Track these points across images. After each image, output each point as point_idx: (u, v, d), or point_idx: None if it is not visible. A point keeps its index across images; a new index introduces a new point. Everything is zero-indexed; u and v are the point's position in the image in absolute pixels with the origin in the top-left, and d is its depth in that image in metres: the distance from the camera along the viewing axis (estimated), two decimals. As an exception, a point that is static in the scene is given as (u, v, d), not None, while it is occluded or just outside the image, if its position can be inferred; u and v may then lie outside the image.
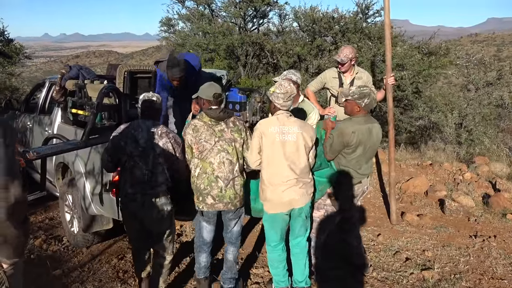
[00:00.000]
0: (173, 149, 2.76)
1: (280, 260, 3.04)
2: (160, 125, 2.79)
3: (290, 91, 2.77)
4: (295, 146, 2.77)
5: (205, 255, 3.05)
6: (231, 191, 2.82)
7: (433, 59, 7.45)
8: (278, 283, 3.12)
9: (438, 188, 5.26)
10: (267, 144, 2.76)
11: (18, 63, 11.41)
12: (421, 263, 3.61)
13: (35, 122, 4.83)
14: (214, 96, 2.83)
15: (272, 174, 2.79)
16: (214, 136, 2.80)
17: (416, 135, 9.98)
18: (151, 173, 2.69)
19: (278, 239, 2.97)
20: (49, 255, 3.83)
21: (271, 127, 2.77)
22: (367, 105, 3.02)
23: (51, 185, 4.48)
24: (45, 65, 59.74)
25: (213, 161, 2.79)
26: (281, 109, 2.81)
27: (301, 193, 2.80)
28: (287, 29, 8.87)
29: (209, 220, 2.93)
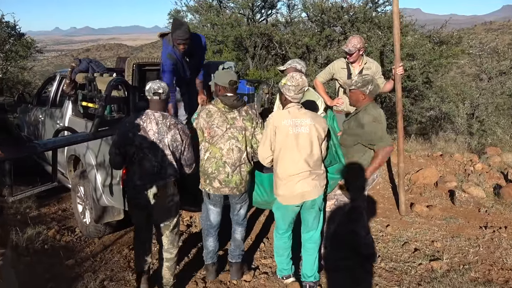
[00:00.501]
0: (181, 140, 2.77)
1: (285, 248, 3.09)
2: (169, 117, 2.78)
3: (302, 83, 2.76)
4: (309, 138, 2.77)
5: (212, 239, 3.15)
6: (237, 177, 2.91)
7: (445, 48, 7.32)
8: (282, 271, 3.18)
9: (448, 179, 5.21)
10: (280, 138, 2.76)
11: (30, 57, 11.54)
12: (430, 254, 3.60)
13: (47, 115, 4.91)
14: (230, 83, 2.87)
15: (286, 167, 2.79)
16: (226, 123, 2.87)
17: (427, 125, 9.87)
18: (160, 165, 2.70)
19: (286, 227, 3.03)
20: (62, 245, 3.92)
21: (284, 120, 2.76)
22: (371, 92, 3.02)
23: (63, 177, 4.56)
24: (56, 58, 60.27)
25: (222, 147, 2.87)
26: (292, 101, 2.80)
27: (313, 185, 2.81)
28: (296, 19, 8.79)
29: (215, 203, 3.03)
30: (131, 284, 3.20)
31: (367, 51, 6.13)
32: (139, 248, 3.09)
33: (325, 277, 3.27)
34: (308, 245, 3.06)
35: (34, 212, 4.64)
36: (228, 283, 3.24)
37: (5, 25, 10.26)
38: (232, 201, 3.10)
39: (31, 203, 4.76)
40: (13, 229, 3.79)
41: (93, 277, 3.22)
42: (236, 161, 2.89)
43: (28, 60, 11.63)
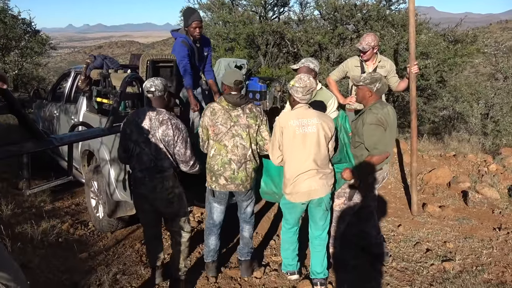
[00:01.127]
0: (173, 135, 2.78)
1: (291, 242, 3.14)
2: (163, 112, 2.82)
3: (310, 85, 2.79)
4: (316, 137, 2.78)
5: (214, 238, 3.19)
6: (243, 174, 2.95)
7: (459, 47, 7.21)
8: (286, 266, 3.21)
9: (462, 180, 5.15)
10: (287, 138, 2.79)
11: (45, 53, 11.70)
12: (442, 255, 3.57)
13: (62, 111, 4.97)
14: (235, 83, 2.93)
15: (293, 166, 2.82)
16: (230, 120, 2.92)
17: (440, 125, 9.75)
18: (156, 158, 2.78)
19: (293, 223, 3.09)
20: (76, 239, 3.98)
21: (290, 121, 2.79)
22: (379, 90, 2.99)
23: (77, 171, 4.63)
24: (69, 55, 61.03)
25: (227, 144, 2.92)
26: (300, 102, 2.83)
27: (321, 184, 2.82)
28: (308, 17, 8.74)
29: (220, 201, 3.07)
30: (144, 278, 3.25)
31: (381, 49, 6.07)
32: (149, 244, 3.17)
33: (335, 276, 3.27)
34: (316, 242, 3.08)
35: (49, 206, 4.72)
36: (239, 279, 3.26)
37: (21, 22, 10.42)
38: (238, 199, 3.14)
39: (46, 197, 4.84)
40: (29, 223, 3.86)
41: (106, 271, 3.27)
42: (241, 158, 2.93)
43: (43, 56, 11.80)
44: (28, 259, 3.27)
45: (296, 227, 3.13)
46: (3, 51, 10.09)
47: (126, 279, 3.21)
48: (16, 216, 4.10)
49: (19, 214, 4.18)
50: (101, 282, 3.10)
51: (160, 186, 2.80)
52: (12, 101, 2.18)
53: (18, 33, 10.28)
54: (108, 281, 3.10)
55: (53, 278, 3.14)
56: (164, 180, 2.80)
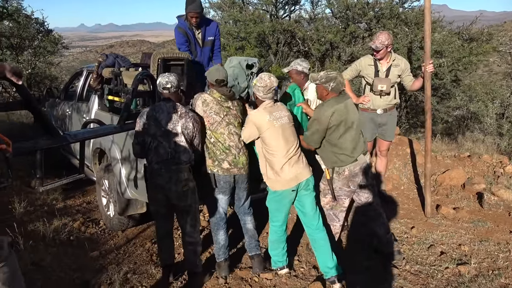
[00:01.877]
0: (193, 127, 2.90)
1: (281, 241, 3.19)
2: (180, 106, 2.92)
3: (270, 84, 2.95)
4: (289, 126, 3.03)
5: (223, 232, 3.21)
6: (243, 158, 3.12)
7: (474, 46, 7.06)
8: (276, 263, 3.25)
9: (477, 181, 5.04)
10: (270, 133, 2.94)
11: (57, 52, 11.82)
12: (457, 258, 3.48)
13: (74, 109, 5.01)
14: (217, 82, 3.04)
15: (280, 156, 2.96)
16: (222, 110, 3.06)
17: (453, 125, 9.59)
18: (174, 152, 2.85)
19: (283, 218, 3.14)
20: (87, 237, 4.00)
21: (266, 117, 2.95)
22: (333, 89, 3.09)
23: (89, 170, 4.65)
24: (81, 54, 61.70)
25: (223, 132, 3.05)
26: (263, 100, 3.01)
27: (303, 166, 3.02)
28: (319, 15, 8.67)
29: (224, 191, 3.12)
30: (154, 278, 3.24)
31: (394, 48, 5.98)
32: (161, 242, 3.17)
33: (347, 279, 3.22)
34: (317, 235, 3.08)
35: (61, 204, 4.75)
36: (250, 280, 3.23)
37: (34, 21, 10.53)
38: (239, 188, 3.19)
39: (58, 195, 4.87)
40: (41, 220, 3.89)
41: (116, 269, 3.27)
42: (238, 143, 3.09)
43: (55, 55, 11.92)
44: (40, 257, 3.29)
45: (285, 225, 3.19)
46: (17, 51, 10.21)
47: (136, 278, 3.21)
48: (29, 213, 4.14)
49: (32, 212, 4.22)
50: (112, 281, 3.10)
51: (176, 177, 2.86)
52: (28, 97, 2.19)
53: (31, 33, 10.39)
54: (119, 280, 3.09)
55: (64, 277, 3.15)
56: (179, 172, 2.87)
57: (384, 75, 4.18)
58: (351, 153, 3.12)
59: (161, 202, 2.99)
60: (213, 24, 4.32)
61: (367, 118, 4.38)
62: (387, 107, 4.33)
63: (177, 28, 4.13)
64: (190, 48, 4.20)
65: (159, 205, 3.03)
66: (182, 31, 4.10)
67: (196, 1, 3.95)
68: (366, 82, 4.33)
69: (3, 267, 1.44)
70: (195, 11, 3.95)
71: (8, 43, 10.10)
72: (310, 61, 8.27)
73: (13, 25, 9.95)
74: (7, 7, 9.36)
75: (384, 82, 4.15)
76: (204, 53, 4.34)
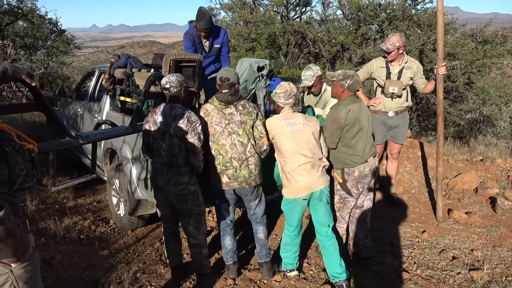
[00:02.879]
0: (186, 129, 2.80)
1: (293, 244, 3.17)
2: (177, 107, 2.85)
3: (290, 89, 2.98)
4: (305, 133, 2.96)
5: (229, 238, 3.18)
6: (245, 171, 2.97)
7: (488, 48, 6.96)
8: (286, 265, 3.26)
9: (490, 185, 4.96)
10: (279, 138, 2.94)
11: (69, 53, 11.95)
12: (469, 263, 3.43)
13: (85, 109, 5.05)
14: (221, 80, 2.95)
15: (291, 161, 2.93)
16: (224, 119, 2.95)
17: (465, 128, 9.45)
18: (170, 154, 2.83)
19: (296, 224, 3.10)
20: (97, 235, 4.03)
21: (278, 122, 2.97)
22: (350, 86, 3.12)
23: (100, 169, 4.68)
24: (92, 55, 62.40)
25: (225, 143, 2.94)
26: (284, 107, 3.01)
27: (318, 175, 2.94)
28: (331, 17, 8.62)
29: (228, 200, 3.07)
30: (163, 277, 3.25)
31: (406, 50, 5.93)
32: (168, 243, 3.18)
33: (357, 283, 3.19)
34: (327, 242, 3.06)
35: (71, 203, 4.80)
36: (258, 281, 3.22)
37: (48, 21, 10.67)
38: (245, 199, 3.11)
39: (69, 194, 4.92)
40: (52, 218, 3.93)
41: (126, 269, 3.28)
42: (241, 155, 2.95)
43: (68, 55, 12.05)
44: (51, 255, 3.32)
45: (298, 229, 3.16)
46: (31, 50, 10.35)
47: (145, 278, 3.22)
48: (40, 211, 4.18)
49: (43, 210, 4.27)
50: (121, 280, 3.11)
51: (174, 180, 2.84)
52: (41, 99, 2.21)
53: (45, 33, 10.52)
54: (128, 279, 3.11)
55: (74, 275, 3.18)
56: (179, 175, 2.84)
57: (396, 78, 4.14)
58: (362, 154, 3.13)
59: (163, 202, 3.00)
60: (221, 32, 4.41)
61: (378, 120, 4.34)
62: (399, 110, 4.29)
63: (186, 34, 4.30)
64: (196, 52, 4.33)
65: (162, 206, 3.04)
66: (189, 37, 4.25)
67: (205, 18, 4.04)
68: (378, 84, 4.29)
69: (27, 266, 1.46)
70: (203, 28, 4.08)
71: (22, 43, 10.24)
72: (321, 63, 8.23)
73: (27, 25, 10.09)
74: (22, 7, 9.50)
75: (396, 84, 4.11)
76: (209, 59, 4.46)
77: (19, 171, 1.37)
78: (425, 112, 8.98)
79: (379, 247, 3.73)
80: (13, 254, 1.36)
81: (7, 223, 1.28)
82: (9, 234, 1.29)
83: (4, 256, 1.36)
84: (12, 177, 1.35)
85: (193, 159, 2.85)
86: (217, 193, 3.09)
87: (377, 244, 3.78)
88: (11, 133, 1.38)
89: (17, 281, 1.43)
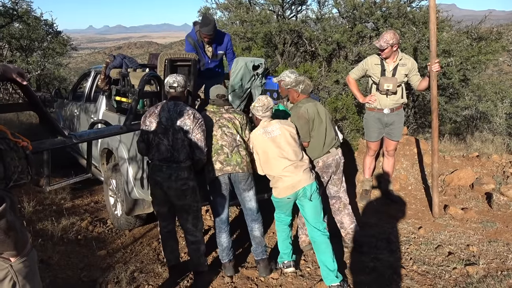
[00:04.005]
0: (190, 125, 2.93)
1: (283, 230, 3.30)
2: (181, 104, 2.98)
3: (267, 103, 3.18)
4: (283, 137, 3.12)
5: (225, 235, 3.23)
6: (237, 156, 3.15)
7: (483, 45, 6.97)
8: (282, 257, 3.33)
9: (485, 181, 4.98)
10: (259, 146, 3.13)
11: (66, 54, 11.93)
12: (465, 258, 3.45)
13: (82, 110, 5.06)
14: (218, 96, 3.30)
15: (275, 165, 3.07)
16: (215, 116, 3.22)
17: (462, 125, 9.47)
18: (172, 149, 2.90)
19: (284, 215, 3.26)
20: (95, 236, 4.03)
21: (257, 131, 3.18)
22: (303, 90, 3.45)
23: (96, 170, 4.69)
24: (89, 56, 62.23)
25: (215, 133, 3.15)
26: (262, 119, 3.21)
27: (301, 174, 3.04)
28: (326, 15, 8.62)
29: (222, 194, 3.14)
30: (161, 276, 3.26)
31: (401, 47, 5.94)
32: (165, 242, 3.19)
33: (354, 278, 3.21)
34: (318, 238, 3.09)
35: (69, 204, 4.80)
36: (256, 279, 3.24)
37: (44, 23, 10.65)
38: (239, 189, 3.18)
39: (66, 195, 4.92)
40: (50, 219, 3.93)
41: (124, 268, 3.29)
42: (232, 142, 3.16)
43: (64, 57, 12.03)
44: (49, 256, 3.33)
45: (287, 220, 3.29)
46: (26, 52, 10.33)
47: (143, 277, 3.23)
48: (38, 213, 4.19)
49: (40, 211, 4.27)
50: (119, 280, 3.12)
51: (175, 175, 2.89)
52: (33, 98, 2.21)
53: (40, 34, 10.50)
54: (126, 278, 3.12)
55: (72, 275, 3.18)
56: (179, 170, 2.91)
57: (391, 75, 4.15)
58: (323, 145, 3.42)
59: (161, 200, 3.02)
60: (225, 38, 4.43)
61: (373, 117, 4.36)
62: (394, 107, 4.31)
63: (188, 37, 4.29)
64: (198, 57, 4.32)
65: (160, 204, 3.06)
66: (191, 41, 4.25)
67: (210, 25, 4.05)
68: (373, 82, 4.31)
69: (26, 261, 1.48)
70: (207, 34, 4.10)
71: (18, 44, 10.22)
72: (317, 61, 8.23)
73: (23, 27, 10.08)
74: (17, 9, 9.48)
75: (390, 81, 4.13)
76: (211, 65, 4.44)
77: (14, 168, 1.39)
78: (421, 110, 8.99)
79: (376, 243, 3.74)
80: (14, 246, 1.38)
81: (9, 216, 1.30)
82: (10, 227, 1.31)
83: (6, 249, 1.37)
84: (8, 174, 1.37)
85: (199, 154, 2.98)
86: (211, 186, 3.17)
87: (373, 240, 3.80)
88: (6, 131, 1.40)
89: (17, 275, 1.45)
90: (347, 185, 3.71)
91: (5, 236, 1.30)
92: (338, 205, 3.60)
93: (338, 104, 5.84)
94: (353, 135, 5.78)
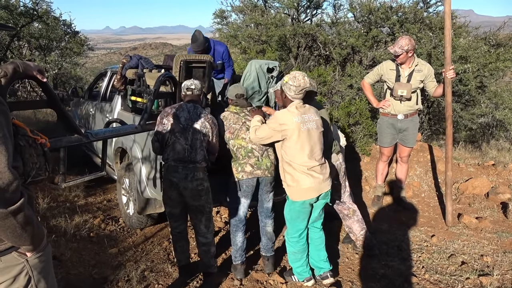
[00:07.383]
0: (210, 128, 3.02)
1: (304, 250, 3.09)
2: (200, 107, 3.07)
3: (303, 84, 2.80)
4: (317, 133, 2.89)
5: (241, 234, 3.26)
6: (267, 160, 3.17)
7: (502, 51, 6.85)
8: (302, 275, 3.13)
9: (501, 190, 4.88)
10: (293, 136, 2.79)
11: (83, 54, 12.13)
12: (479, 268, 3.39)
13: (97, 109, 5.13)
14: (236, 96, 3.30)
15: (301, 163, 2.82)
16: (240, 119, 3.22)
17: (477, 133, 9.31)
18: (190, 148, 2.94)
19: (304, 227, 3.03)
20: (107, 234, 4.08)
21: (294, 118, 2.80)
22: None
23: (110, 168, 4.75)
24: (105, 56, 63.12)
25: (244, 137, 3.16)
26: (292, 100, 2.86)
27: (326, 177, 2.93)
28: (341, 19, 8.59)
29: (247, 195, 3.17)
30: (171, 276, 3.27)
31: (417, 52, 5.87)
32: (176, 242, 3.21)
33: (363, 286, 3.17)
34: (316, 235, 3.12)
35: (82, 201, 4.87)
36: (265, 282, 3.23)
37: (62, 23, 10.86)
38: (262, 191, 3.23)
39: (79, 192, 5.00)
40: (63, 216, 3.99)
41: (134, 267, 3.32)
42: (262, 146, 3.15)
43: (81, 56, 12.23)
44: (61, 252, 3.38)
45: (304, 234, 3.06)
46: (45, 51, 10.54)
47: (153, 276, 3.25)
48: (52, 209, 4.26)
49: (54, 207, 4.34)
50: (129, 278, 3.15)
51: (191, 175, 2.93)
52: (52, 95, 2.24)
53: (59, 34, 10.70)
54: (136, 277, 3.14)
55: (83, 272, 3.22)
56: (195, 171, 2.95)
57: (406, 80, 4.11)
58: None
59: (175, 201, 3.03)
60: (221, 49, 4.64)
61: (387, 122, 4.32)
62: (408, 113, 4.26)
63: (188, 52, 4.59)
64: None
65: (173, 205, 3.07)
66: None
67: (197, 41, 4.34)
68: (387, 87, 4.27)
69: (41, 256, 1.49)
70: (195, 50, 4.38)
71: (37, 44, 10.44)
72: (331, 65, 8.21)
73: (42, 27, 10.28)
74: (37, 9, 9.68)
75: (405, 87, 4.09)
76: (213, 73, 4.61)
77: (32, 164, 1.42)
78: (436, 116, 8.88)
79: (387, 250, 3.70)
80: (31, 241, 1.39)
81: (27, 210, 1.32)
82: (28, 221, 1.33)
83: (22, 243, 1.39)
84: (26, 170, 1.40)
85: (212, 158, 3.11)
86: (235, 187, 3.18)
87: (384, 247, 3.76)
88: (25, 128, 1.43)
89: (32, 270, 1.46)
90: (358, 191, 3.69)
91: (22, 230, 1.32)
92: (346, 211, 3.56)
93: (352, 109, 5.81)
94: (366, 140, 5.73)
